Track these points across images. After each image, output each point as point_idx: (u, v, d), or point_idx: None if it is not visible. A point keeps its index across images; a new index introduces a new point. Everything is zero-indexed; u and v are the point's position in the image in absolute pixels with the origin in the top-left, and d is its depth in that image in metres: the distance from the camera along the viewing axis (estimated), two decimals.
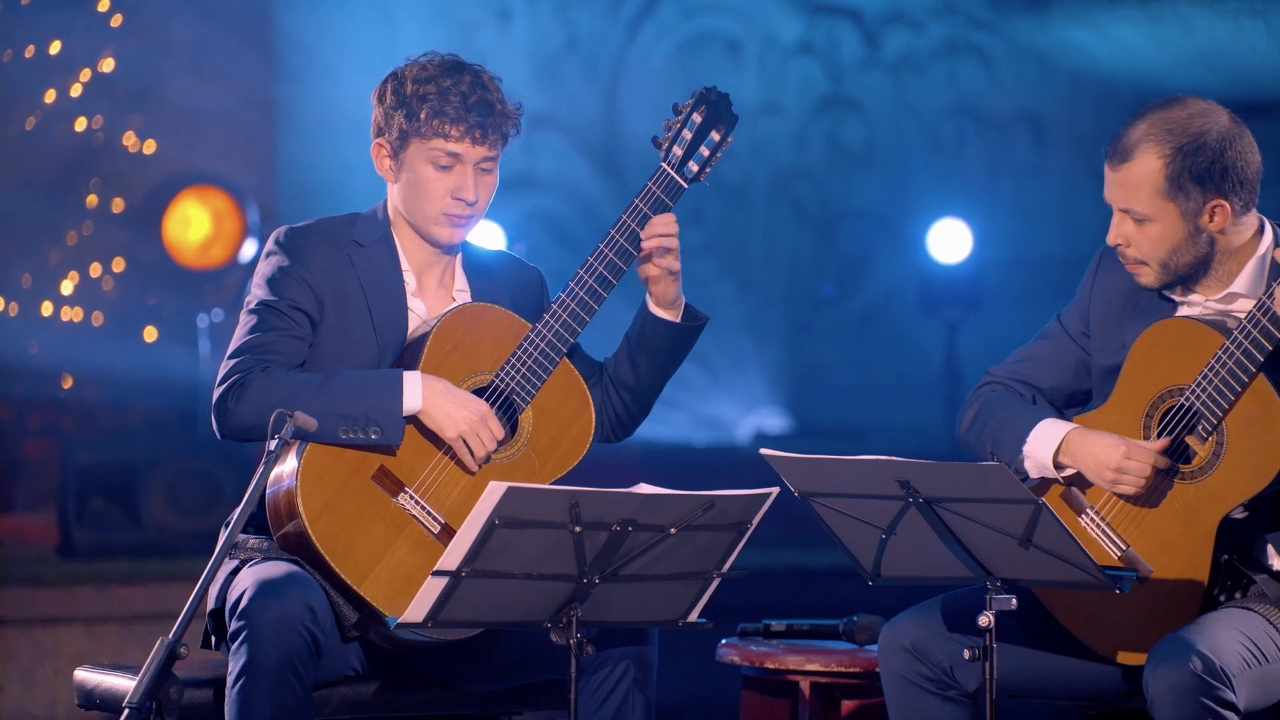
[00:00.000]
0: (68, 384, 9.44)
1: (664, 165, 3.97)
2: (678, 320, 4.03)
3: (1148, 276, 3.79)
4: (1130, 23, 11.45)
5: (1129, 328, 3.85)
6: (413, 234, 4.00)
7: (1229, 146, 3.70)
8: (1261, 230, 3.79)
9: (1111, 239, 3.80)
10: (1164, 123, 3.72)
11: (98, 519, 8.44)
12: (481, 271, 4.10)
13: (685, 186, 3.98)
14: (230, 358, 3.87)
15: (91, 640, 7.12)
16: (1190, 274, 3.78)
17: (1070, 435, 3.77)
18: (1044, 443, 3.79)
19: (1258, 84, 10.37)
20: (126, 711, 3.34)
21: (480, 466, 3.87)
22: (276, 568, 3.74)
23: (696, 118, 4.00)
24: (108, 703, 3.93)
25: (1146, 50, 11.13)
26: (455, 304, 4.00)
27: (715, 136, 4.01)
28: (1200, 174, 3.68)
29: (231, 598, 3.73)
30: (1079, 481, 3.80)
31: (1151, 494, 3.73)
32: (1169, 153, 3.69)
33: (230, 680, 3.65)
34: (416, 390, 3.82)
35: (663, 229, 3.95)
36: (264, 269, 3.95)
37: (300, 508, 3.75)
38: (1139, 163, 3.72)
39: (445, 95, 3.89)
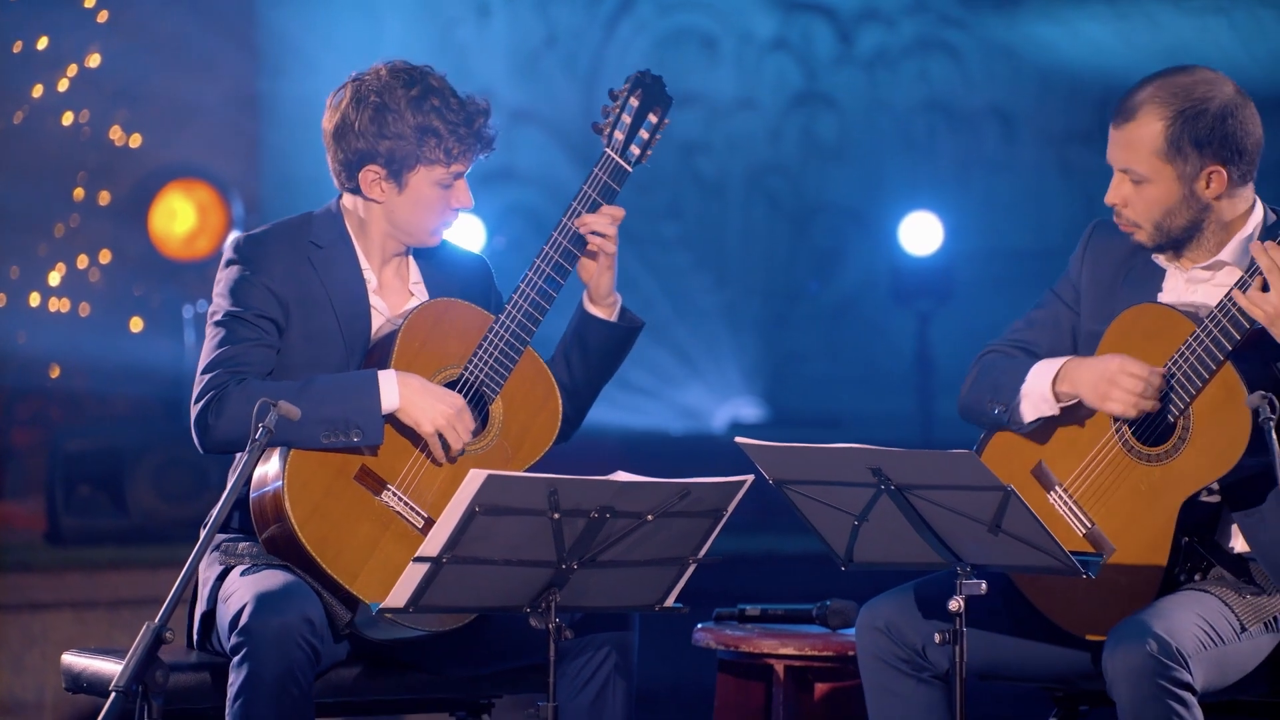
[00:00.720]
0: (55, 373, 9.42)
1: (608, 151, 3.98)
2: (613, 319, 4.02)
3: (1142, 237, 3.81)
4: (1098, 20, 11.46)
5: (1120, 295, 3.88)
6: (370, 234, 4.00)
7: (1231, 115, 3.73)
8: (1254, 208, 3.82)
9: (1110, 199, 3.82)
10: (1169, 86, 3.75)
11: (85, 506, 8.43)
12: (434, 264, 4.10)
13: (630, 170, 3.98)
14: (204, 372, 3.86)
15: (79, 625, 7.11)
16: (1183, 237, 3.80)
17: (1069, 362, 3.79)
18: (1042, 375, 3.80)
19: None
20: (113, 694, 3.34)
21: (457, 459, 3.87)
22: (272, 579, 3.73)
23: (634, 101, 4.01)
24: (95, 686, 3.93)
25: (1114, 47, 11.16)
26: (419, 301, 4.00)
27: (653, 119, 4.02)
28: (1200, 139, 3.71)
29: (229, 610, 3.72)
30: (1075, 415, 3.79)
31: (1119, 473, 3.74)
32: (1171, 115, 3.72)
33: (232, 693, 3.65)
34: (393, 389, 3.81)
35: (601, 224, 3.95)
36: (226, 280, 3.94)
37: (289, 512, 3.74)
38: (1141, 123, 3.74)
39: (450, 124, 3.90)
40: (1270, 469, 3.44)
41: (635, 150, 3.99)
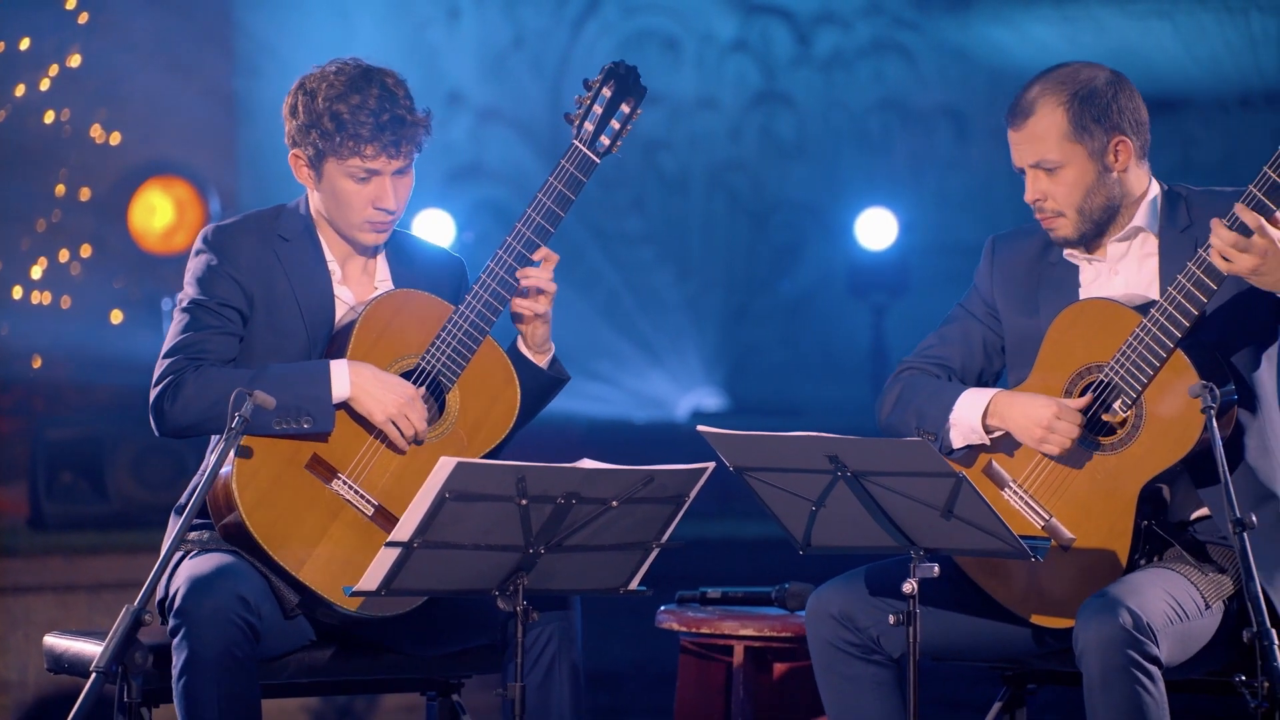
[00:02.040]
0: (37, 364, 9.37)
1: (576, 142, 3.95)
2: (544, 367, 3.99)
3: (1065, 227, 3.82)
4: (1046, 22, 11.48)
5: (1042, 297, 3.89)
6: (329, 227, 3.98)
7: (1118, 89, 3.80)
8: (1151, 183, 3.86)
9: (1029, 197, 3.84)
10: (1054, 78, 3.82)
11: (66, 492, 8.41)
12: (404, 259, 4.07)
13: (598, 161, 3.94)
14: (165, 357, 3.83)
15: (61, 608, 7.09)
16: (1103, 219, 3.82)
17: (997, 397, 3.80)
18: (971, 407, 3.82)
19: (1165, 81, 10.44)
20: (94, 675, 3.33)
21: (410, 447, 3.85)
22: (208, 562, 3.72)
23: (606, 91, 3.97)
24: (76, 667, 3.92)
25: (1061, 49, 11.16)
26: (380, 291, 3.98)
27: (625, 109, 3.98)
28: (1098, 114, 3.77)
29: (170, 593, 3.71)
30: (1006, 446, 3.82)
31: (1074, 465, 3.75)
32: (1066, 99, 3.77)
33: (175, 674, 3.64)
34: (344, 378, 3.79)
35: (538, 274, 3.92)
36: (194, 268, 3.92)
37: (237, 500, 3.72)
38: (1041, 115, 3.79)
39: (356, 116, 3.82)
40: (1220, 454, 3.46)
41: (605, 141, 3.96)
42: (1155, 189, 3.86)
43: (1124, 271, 3.86)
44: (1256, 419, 3.77)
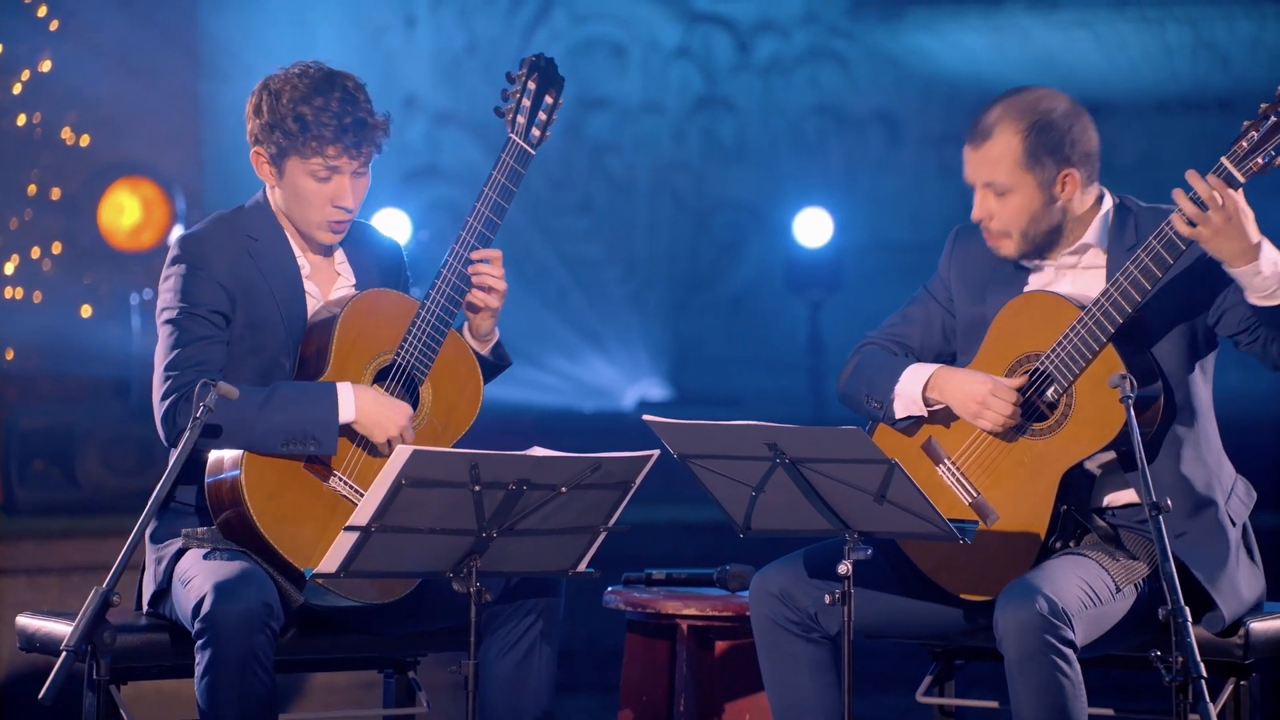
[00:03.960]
0: (10, 356, 9.31)
1: (513, 137, 3.95)
2: (485, 354, 4.00)
3: (1008, 247, 3.83)
4: (974, 31, 11.52)
5: (990, 290, 3.90)
6: (292, 223, 3.97)
7: (1074, 123, 3.78)
8: (1101, 198, 3.85)
9: (976, 215, 3.84)
10: (1016, 105, 3.79)
11: (38, 479, 8.38)
12: (354, 243, 4.06)
13: (533, 153, 3.95)
14: (168, 370, 3.78)
15: (33, 590, 7.04)
16: (1045, 243, 3.83)
17: (938, 372, 3.82)
18: (913, 380, 3.83)
19: (1086, 87, 10.48)
20: (64, 653, 3.31)
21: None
22: (229, 568, 3.68)
23: (531, 85, 3.97)
24: (47, 646, 3.89)
25: (989, 56, 11.22)
26: (349, 286, 3.98)
27: (549, 100, 3.98)
28: (1052, 146, 3.75)
29: (189, 595, 3.67)
30: (945, 421, 3.83)
31: (1006, 446, 3.76)
32: (1024, 129, 3.76)
33: (198, 673, 3.62)
34: (350, 403, 3.78)
35: (489, 270, 3.92)
36: (175, 279, 3.86)
37: (246, 498, 3.70)
38: (998, 140, 3.77)
39: (320, 117, 3.80)
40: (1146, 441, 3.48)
41: (536, 132, 3.96)
42: (1108, 204, 3.86)
43: (1070, 279, 3.87)
44: (1192, 430, 3.79)
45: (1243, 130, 3.57)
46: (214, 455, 3.76)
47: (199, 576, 3.67)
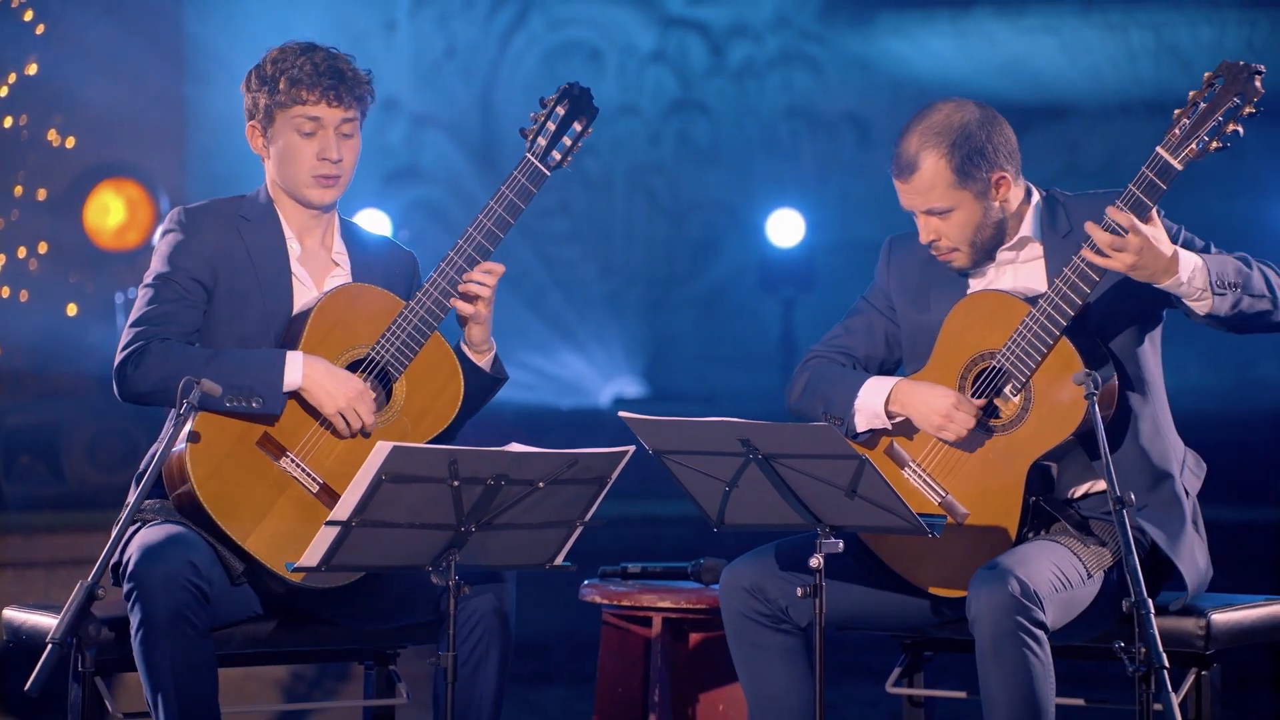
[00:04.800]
0: None
1: (529, 155, 3.95)
2: (485, 367, 4.00)
3: (961, 259, 3.84)
4: (942, 36, 11.54)
5: (933, 295, 3.92)
6: (291, 203, 3.98)
7: (991, 129, 3.80)
8: (1030, 193, 3.86)
9: (924, 238, 3.85)
10: (930, 129, 3.80)
11: (25, 474, 8.36)
12: (360, 245, 4.07)
13: (548, 174, 3.95)
14: (132, 326, 3.82)
15: (19, 583, 7.04)
16: (992, 245, 3.84)
17: (899, 385, 3.82)
18: (874, 394, 3.84)
19: (1051, 91, 10.55)
20: (50, 646, 3.30)
21: (356, 433, 3.84)
22: (159, 531, 3.71)
23: (560, 110, 3.98)
24: (33, 638, 3.89)
25: (956, 61, 11.23)
26: (335, 285, 3.97)
27: (578, 127, 3.99)
28: (978, 158, 3.76)
29: (124, 560, 3.69)
30: (905, 429, 3.83)
31: (968, 446, 3.77)
32: (946, 150, 3.77)
33: (132, 634, 3.62)
34: (297, 369, 3.78)
35: (480, 277, 3.92)
36: (163, 245, 3.92)
37: (190, 472, 3.70)
38: (925, 168, 3.79)
39: (302, 69, 3.88)
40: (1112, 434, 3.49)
41: (557, 156, 3.97)
42: (1036, 197, 3.88)
43: (1011, 273, 3.88)
44: (1147, 403, 3.80)
45: (1175, 118, 3.58)
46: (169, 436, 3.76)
47: (133, 542, 3.69)
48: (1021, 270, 3.87)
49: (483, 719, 3.81)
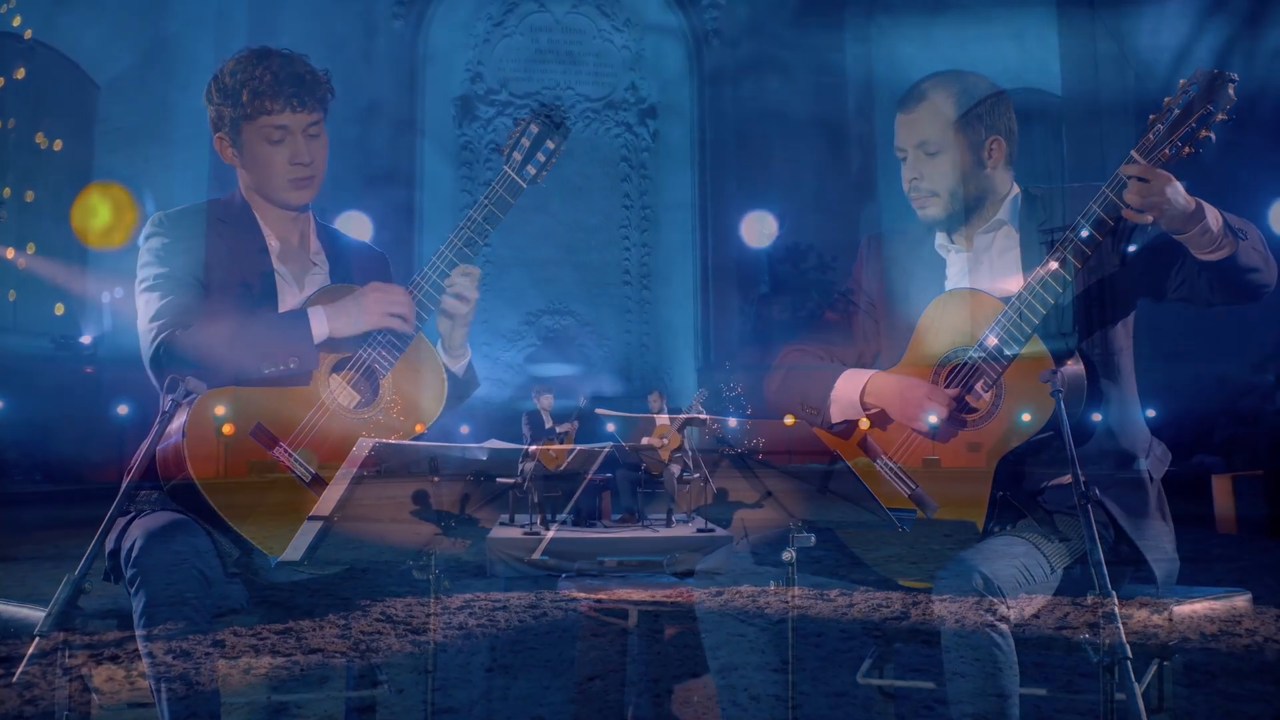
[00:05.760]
0: None
1: (506, 169, 3.98)
2: (458, 372, 4.01)
3: (935, 207, 3.86)
4: (911, 42, 11.56)
5: (911, 291, 3.93)
6: (266, 204, 3.98)
7: (999, 100, 3.86)
8: (1012, 184, 3.89)
9: (907, 175, 3.89)
10: (947, 77, 3.88)
11: (12, 469, 8.36)
12: (336, 247, 4.08)
13: (524, 186, 3.98)
14: (152, 321, 3.82)
15: (6, 577, 7.02)
16: (971, 205, 3.85)
17: (874, 378, 3.84)
18: (849, 386, 3.85)
19: (1016, 95, 10.62)
20: (36, 639, 3.29)
21: (344, 425, 3.84)
22: (161, 517, 3.70)
23: (534, 128, 4.01)
24: (20, 631, 3.87)
25: (925, 65, 11.26)
26: (322, 275, 3.98)
27: (550, 145, 4.03)
28: (981, 113, 3.81)
29: (125, 547, 3.69)
30: (880, 421, 3.84)
31: (940, 439, 3.77)
32: (956, 93, 3.83)
33: (135, 617, 3.61)
34: (322, 320, 3.80)
35: (459, 279, 3.94)
36: (152, 248, 3.92)
37: (188, 461, 3.70)
38: (932, 103, 3.84)
39: (261, 80, 3.88)
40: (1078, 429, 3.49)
41: (531, 170, 4.00)
42: (1015, 189, 3.91)
43: (988, 263, 3.89)
44: (1118, 387, 3.82)
45: (1149, 124, 3.60)
46: (165, 427, 3.76)
47: (134, 529, 3.69)
48: (999, 260, 3.88)
49: None
